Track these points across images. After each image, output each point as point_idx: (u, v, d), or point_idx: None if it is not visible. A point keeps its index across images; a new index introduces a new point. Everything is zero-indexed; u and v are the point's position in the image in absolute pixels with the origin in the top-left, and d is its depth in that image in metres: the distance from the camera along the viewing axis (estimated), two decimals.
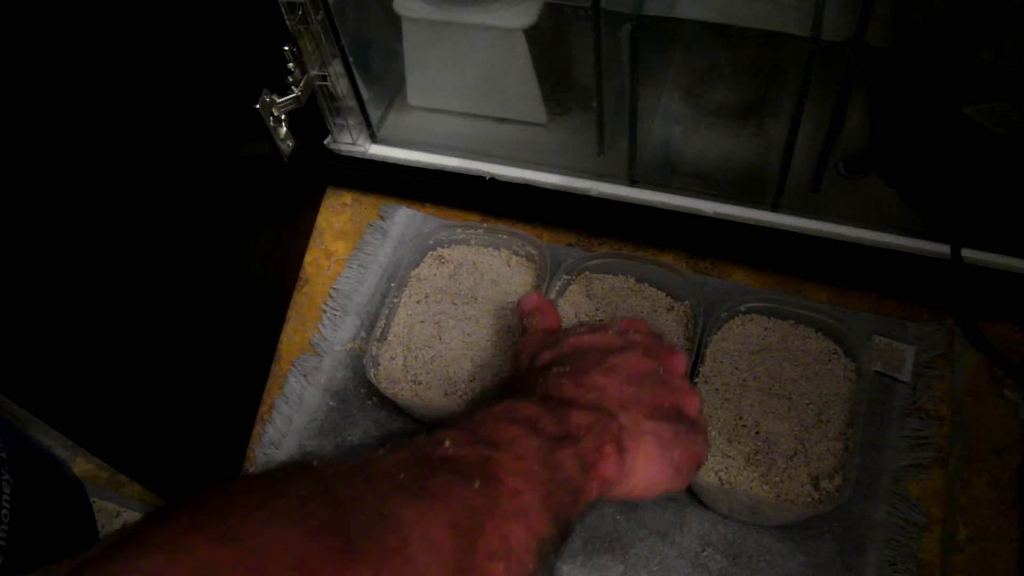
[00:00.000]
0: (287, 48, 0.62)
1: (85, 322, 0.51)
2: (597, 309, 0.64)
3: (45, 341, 0.48)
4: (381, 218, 0.76)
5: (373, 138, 0.73)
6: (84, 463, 0.71)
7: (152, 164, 0.54)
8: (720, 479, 0.55)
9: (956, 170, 0.60)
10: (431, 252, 0.69)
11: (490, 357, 0.63)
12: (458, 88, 0.71)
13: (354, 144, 0.73)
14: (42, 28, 0.44)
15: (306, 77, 0.65)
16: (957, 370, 0.61)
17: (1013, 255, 0.59)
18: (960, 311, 0.62)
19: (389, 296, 0.66)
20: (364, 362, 0.63)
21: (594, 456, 0.40)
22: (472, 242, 0.69)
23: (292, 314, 0.73)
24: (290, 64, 0.63)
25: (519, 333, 0.57)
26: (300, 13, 0.61)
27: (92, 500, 0.67)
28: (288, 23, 0.61)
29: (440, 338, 0.64)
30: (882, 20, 0.55)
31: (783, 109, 0.65)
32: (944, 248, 0.59)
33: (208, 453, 0.63)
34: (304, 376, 0.69)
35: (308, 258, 0.75)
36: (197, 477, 0.61)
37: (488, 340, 0.64)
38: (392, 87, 0.75)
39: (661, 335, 0.52)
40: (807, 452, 0.55)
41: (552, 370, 0.45)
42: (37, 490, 0.54)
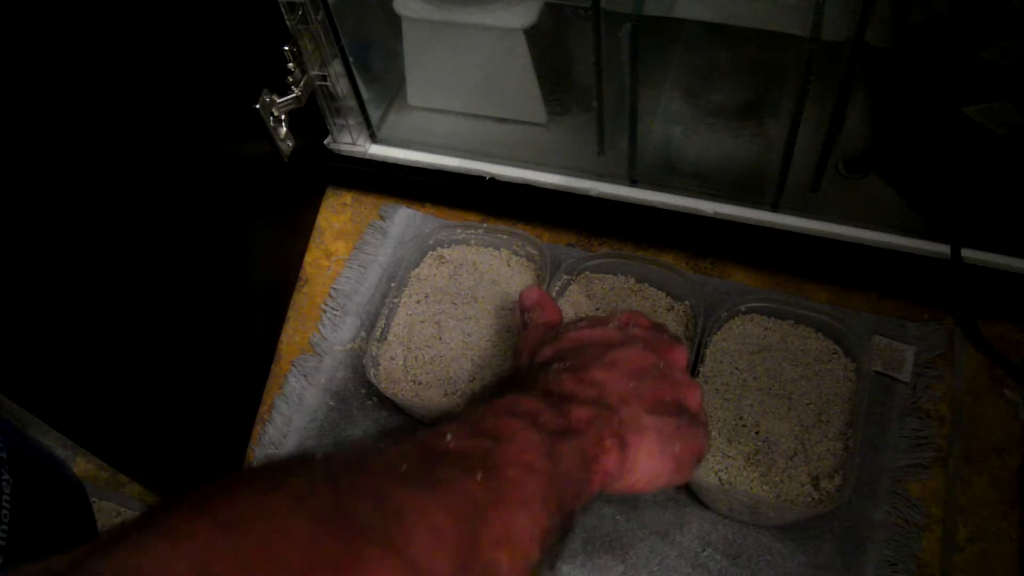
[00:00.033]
0: (287, 48, 0.63)
1: (85, 322, 0.51)
2: (597, 309, 0.64)
3: (45, 341, 0.48)
4: (381, 218, 0.76)
5: (373, 138, 0.73)
6: (84, 463, 0.71)
7: (152, 164, 0.54)
8: (720, 479, 0.55)
9: (956, 170, 0.60)
10: (431, 252, 0.69)
11: (490, 357, 0.63)
12: (458, 88, 0.71)
13: (354, 144, 0.73)
14: (43, 28, 0.44)
15: (306, 77, 0.65)
16: (957, 370, 0.61)
17: (1013, 255, 0.59)
18: (960, 311, 0.62)
19: (389, 296, 0.66)
20: (364, 362, 0.63)
21: (595, 450, 0.40)
22: (472, 242, 0.69)
23: (292, 314, 0.73)
24: (290, 64, 0.63)
25: (520, 328, 0.57)
26: (300, 13, 0.61)
27: (92, 500, 0.67)
28: (288, 23, 0.61)
29: (440, 338, 0.64)
30: (882, 20, 0.55)
31: (783, 109, 0.65)
32: (944, 248, 0.59)
33: (208, 453, 0.63)
34: (304, 376, 0.69)
35: (308, 258, 0.75)
36: (197, 477, 0.61)
37: (488, 340, 0.64)
38: (392, 87, 0.75)
39: (663, 328, 0.52)
40: (807, 452, 0.55)
41: (552, 366, 0.45)
42: (37, 490, 0.54)
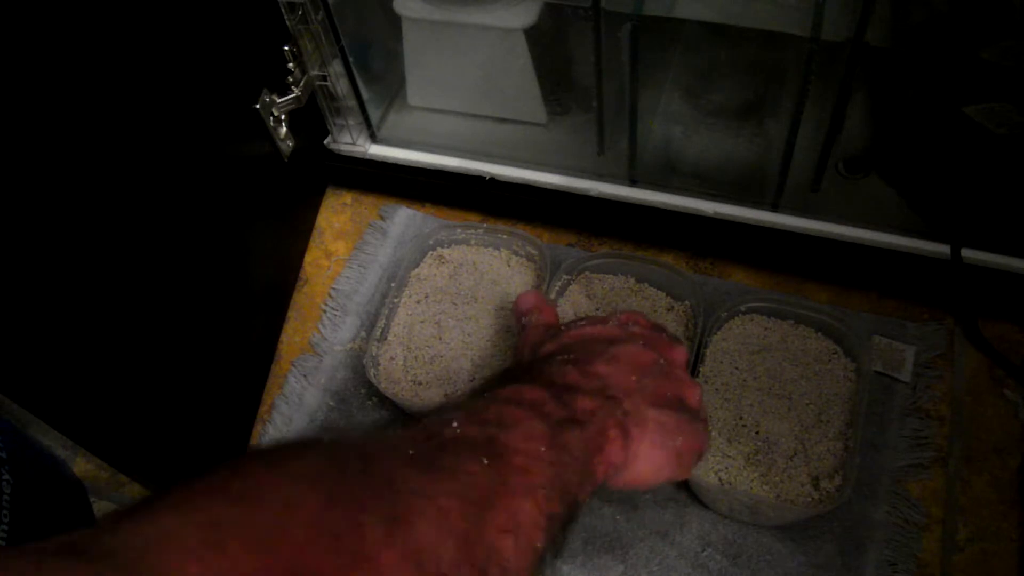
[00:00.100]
0: (287, 48, 0.63)
1: (85, 322, 0.51)
2: (597, 309, 0.64)
3: (45, 341, 0.48)
4: (381, 218, 0.76)
5: (373, 138, 0.73)
6: (84, 463, 0.71)
7: (152, 164, 0.54)
8: (720, 479, 0.55)
9: (956, 170, 0.60)
10: (431, 252, 0.69)
11: (490, 357, 0.63)
12: (458, 88, 0.71)
13: (354, 144, 0.73)
14: (43, 28, 0.44)
15: (306, 77, 0.65)
16: (957, 370, 0.61)
17: (1013, 255, 0.59)
18: (960, 311, 0.62)
19: (389, 296, 0.66)
20: (364, 362, 0.63)
21: (599, 440, 0.40)
22: (472, 242, 0.69)
23: (292, 314, 0.73)
24: (290, 64, 0.63)
25: (517, 332, 0.57)
26: (300, 13, 0.61)
27: (92, 500, 0.67)
28: (288, 23, 0.61)
29: (440, 338, 0.64)
30: (882, 20, 0.55)
31: (783, 109, 0.65)
32: (944, 248, 0.59)
33: (208, 453, 0.63)
34: (304, 376, 0.69)
35: (308, 258, 0.75)
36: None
37: (488, 340, 0.64)
38: (392, 87, 0.75)
39: (662, 327, 0.52)
40: (807, 452, 0.55)
41: (556, 358, 0.45)
42: (37, 490, 0.54)
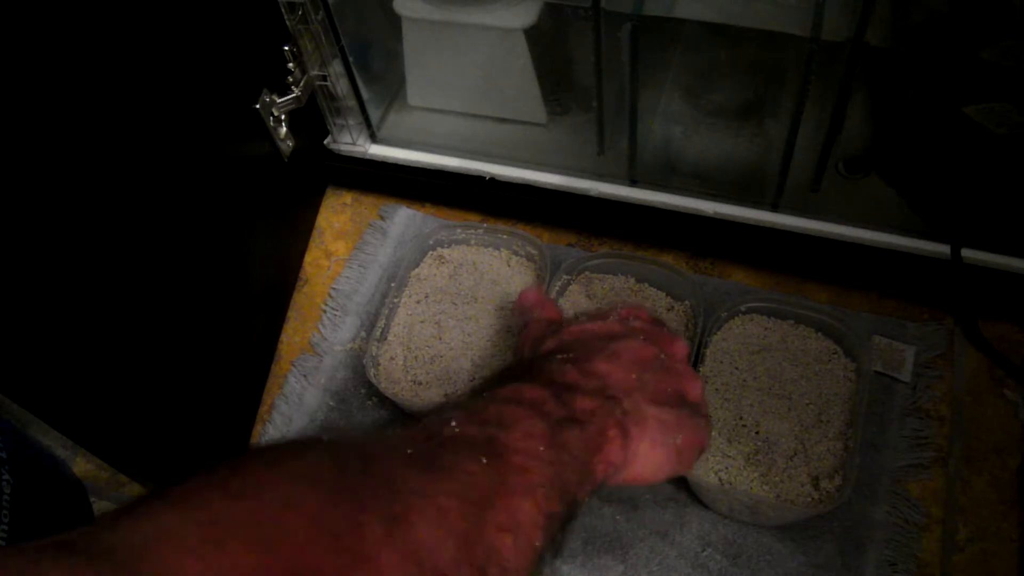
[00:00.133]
0: (287, 48, 0.62)
1: (85, 322, 0.51)
2: (597, 309, 0.64)
3: (45, 341, 0.48)
4: (381, 218, 0.76)
5: (373, 138, 0.73)
6: (84, 463, 0.71)
7: (152, 164, 0.54)
8: (720, 479, 0.55)
9: (956, 170, 0.60)
10: (431, 252, 0.69)
11: (490, 357, 0.63)
12: (458, 88, 0.71)
13: (354, 144, 0.73)
14: (43, 28, 0.44)
15: (306, 77, 0.65)
16: (957, 370, 0.61)
17: (1013, 255, 0.59)
18: (960, 311, 0.62)
19: (389, 296, 0.66)
20: (364, 362, 0.63)
21: (599, 440, 0.40)
22: (472, 242, 0.69)
23: (292, 314, 0.73)
24: (290, 64, 0.63)
25: (518, 328, 0.57)
26: (300, 13, 0.61)
27: (92, 500, 0.67)
28: (288, 23, 0.61)
29: (440, 338, 0.64)
30: (882, 20, 0.55)
31: (783, 109, 0.65)
32: (944, 248, 0.59)
33: (208, 453, 0.63)
34: (304, 376, 0.69)
35: (308, 258, 0.75)
36: None
37: (488, 340, 0.64)
38: (392, 87, 0.75)
39: (662, 321, 0.52)
40: (807, 452, 0.55)
41: (555, 357, 0.45)
42: (37, 490, 0.54)
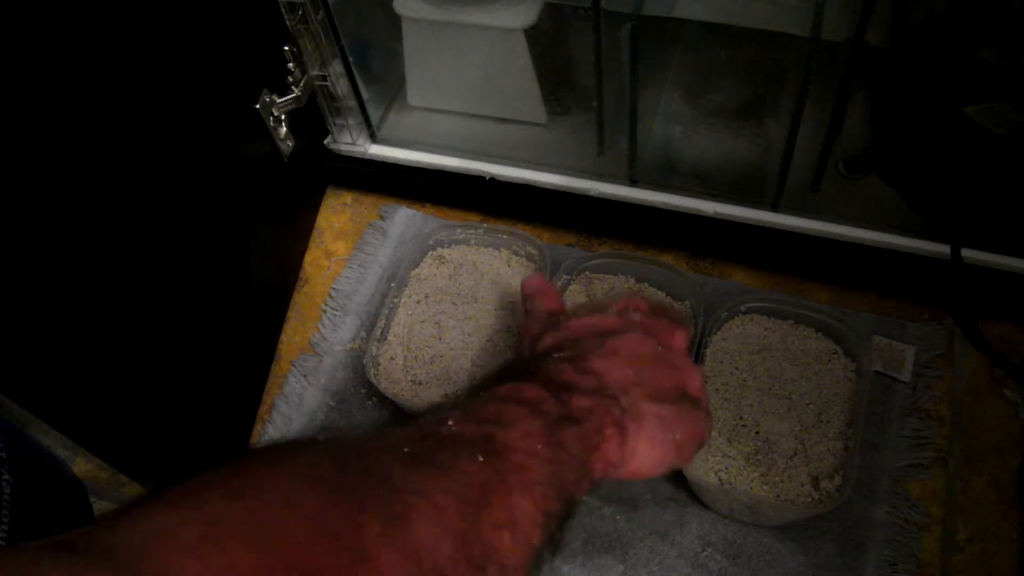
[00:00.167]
0: (287, 48, 0.62)
1: (85, 322, 0.51)
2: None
3: (45, 341, 0.48)
4: (381, 218, 0.76)
5: (373, 138, 0.73)
6: (84, 463, 0.71)
7: (152, 164, 0.54)
8: (720, 479, 0.55)
9: (956, 170, 0.60)
10: (431, 252, 0.69)
11: (490, 357, 0.63)
12: (458, 88, 0.71)
13: (354, 144, 0.73)
14: (43, 28, 0.44)
15: (306, 77, 0.65)
16: (957, 370, 0.61)
17: (1013, 255, 0.59)
18: (960, 311, 0.62)
19: (389, 296, 0.66)
20: (364, 362, 0.63)
21: (596, 438, 0.40)
22: (472, 242, 0.69)
23: (292, 314, 0.73)
24: (290, 64, 0.63)
25: (522, 315, 0.57)
26: (300, 13, 0.61)
27: (92, 500, 0.67)
28: (288, 23, 0.61)
29: (440, 338, 0.64)
30: (882, 20, 0.55)
31: (783, 109, 0.65)
32: (944, 248, 0.59)
33: (208, 453, 0.63)
34: (304, 376, 0.69)
35: (308, 258, 0.75)
36: None
37: (488, 340, 0.64)
38: (392, 87, 0.75)
39: (663, 310, 0.51)
40: (807, 452, 0.55)
41: (552, 355, 0.45)
42: (37, 490, 0.54)
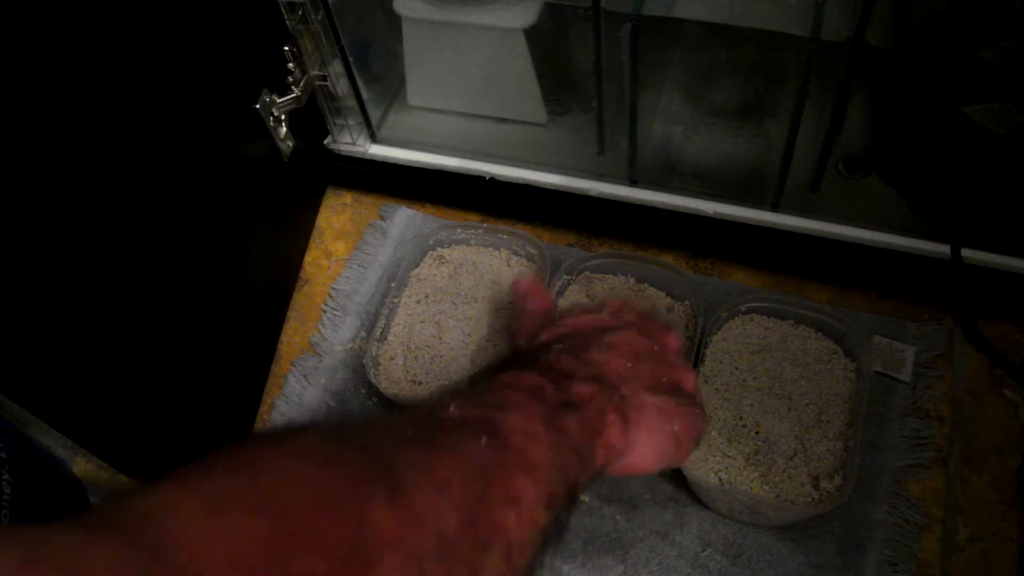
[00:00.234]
0: (287, 48, 0.63)
1: (85, 322, 0.51)
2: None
3: (45, 341, 0.48)
4: (381, 218, 0.76)
5: (373, 138, 0.73)
6: (84, 463, 0.71)
7: (152, 164, 0.54)
8: (720, 479, 0.55)
9: (956, 170, 0.60)
10: (431, 252, 0.69)
11: (490, 357, 0.63)
12: (458, 88, 0.71)
13: (354, 144, 0.73)
14: (43, 28, 0.44)
15: (306, 77, 0.65)
16: (957, 370, 0.61)
17: (1013, 255, 0.59)
18: (960, 311, 0.62)
19: (389, 296, 0.66)
20: (364, 362, 0.63)
21: (598, 424, 0.40)
22: (472, 242, 0.69)
23: (292, 314, 0.73)
24: (290, 64, 0.63)
25: (514, 316, 0.57)
26: (300, 13, 0.61)
27: (92, 500, 0.67)
28: (288, 23, 0.61)
29: (440, 338, 0.64)
30: (882, 20, 0.55)
31: (783, 109, 0.65)
32: (944, 248, 0.59)
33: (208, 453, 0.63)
34: (304, 376, 0.69)
35: (308, 258, 0.75)
36: None
37: (488, 340, 0.64)
38: (392, 87, 0.75)
39: (654, 315, 0.52)
40: (807, 452, 0.55)
41: (552, 347, 0.45)
42: (37, 490, 0.54)
